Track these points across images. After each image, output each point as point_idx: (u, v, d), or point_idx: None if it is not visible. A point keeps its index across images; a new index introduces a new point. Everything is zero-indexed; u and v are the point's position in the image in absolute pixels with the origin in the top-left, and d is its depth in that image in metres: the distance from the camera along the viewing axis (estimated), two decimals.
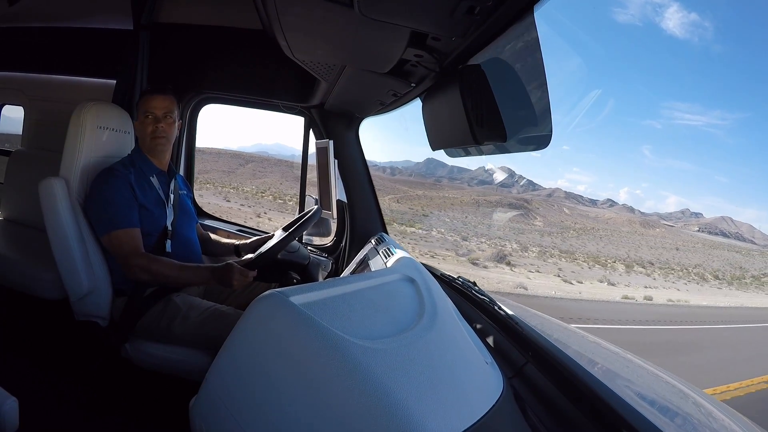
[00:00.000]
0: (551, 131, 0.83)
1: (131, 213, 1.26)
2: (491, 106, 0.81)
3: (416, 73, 1.06)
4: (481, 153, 1.05)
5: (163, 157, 1.42)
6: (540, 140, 0.88)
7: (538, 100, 0.81)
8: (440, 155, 1.27)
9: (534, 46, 0.74)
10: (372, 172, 1.96)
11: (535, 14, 0.68)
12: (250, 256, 1.40)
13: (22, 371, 1.44)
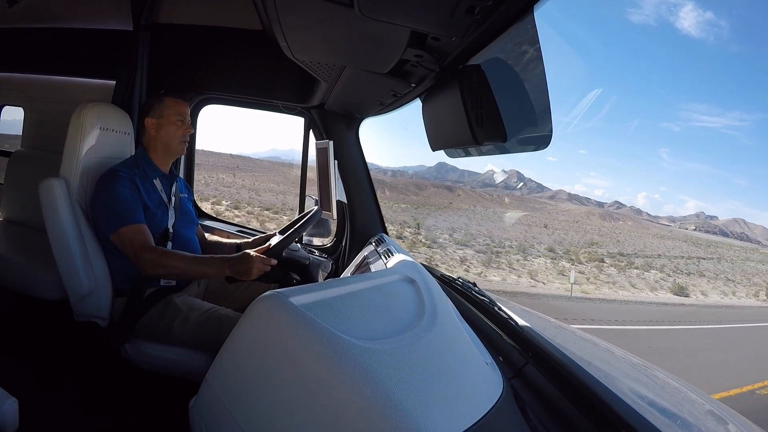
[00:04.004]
0: (551, 131, 0.83)
1: (138, 210, 1.27)
2: (491, 106, 0.80)
3: (416, 73, 1.06)
4: (481, 153, 1.05)
5: (171, 160, 1.45)
6: (540, 140, 0.88)
7: (538, 100, 0.81)
8: (453, 159, 1.28)
9: (534, 46, 0.74)
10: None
11: (535, 14, 0.68)
12: (273, 241, 1.40)
13: (22, 371, 1.44)
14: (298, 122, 2.01)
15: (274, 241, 1.43)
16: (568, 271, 20.58)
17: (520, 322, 1.02)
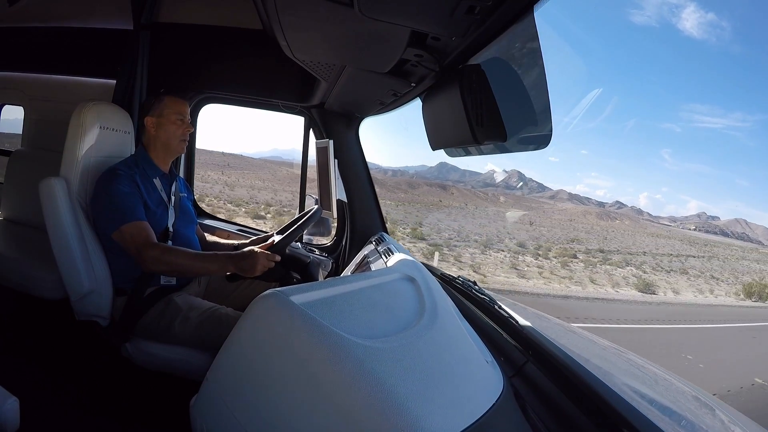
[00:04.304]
0: (551, 131, 0.84)
1: (138, 207, 1.27)
2: (491, 106, 0.81)
3: (416, 72, 1.06)
4: (481, 153, 1.05)
5: (171, 159, 1.45)
6: (540, 140, 0.88)
7: (537, 100, 0.81)
8: (454, 159, 1.28)
9: (534, 46, 0.75)
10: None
11: (535, 14, 0.68)
12: (275, 238, 1.40)
13: (22, 371, 1.44)
14: (299, 122, 2.01)
15: (274, 240, 1.43)
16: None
17: (521, 320, 1.03)
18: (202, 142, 2.26)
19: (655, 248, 33.64)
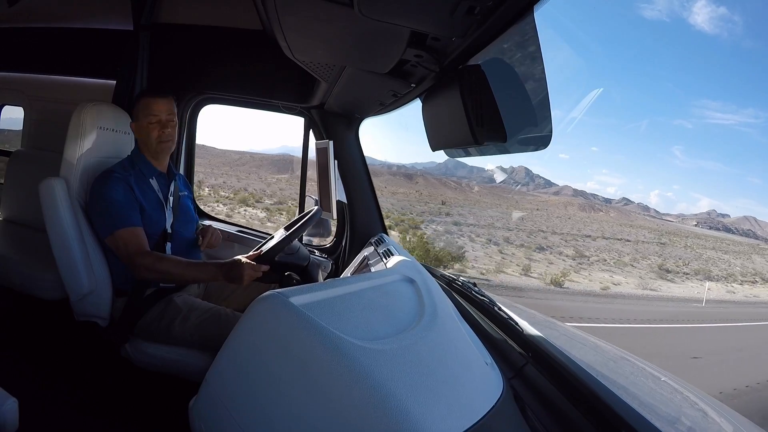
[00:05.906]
0: (551, 131, 0.83)
1: (133, 212, 1.26)
2: (491, 107, 0.80)
3: (416, 73, 1.06)
4: (481, 153, 1.05)
5: (164, 159, 1.42)
6: (540, 140, 0.88)
7: (538, 100, 0.81)
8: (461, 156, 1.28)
9: (534, 46, 0.74)
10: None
11: (535, 14, 0.68)
12: (262, 249, 1.40)
13: (22, 371, 1.44)
14: (300, 120, 2.00)
15: (276, 239, 1.43)
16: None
17: (520, 322, 1.02)
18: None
19: (593, 233, 32.39)
